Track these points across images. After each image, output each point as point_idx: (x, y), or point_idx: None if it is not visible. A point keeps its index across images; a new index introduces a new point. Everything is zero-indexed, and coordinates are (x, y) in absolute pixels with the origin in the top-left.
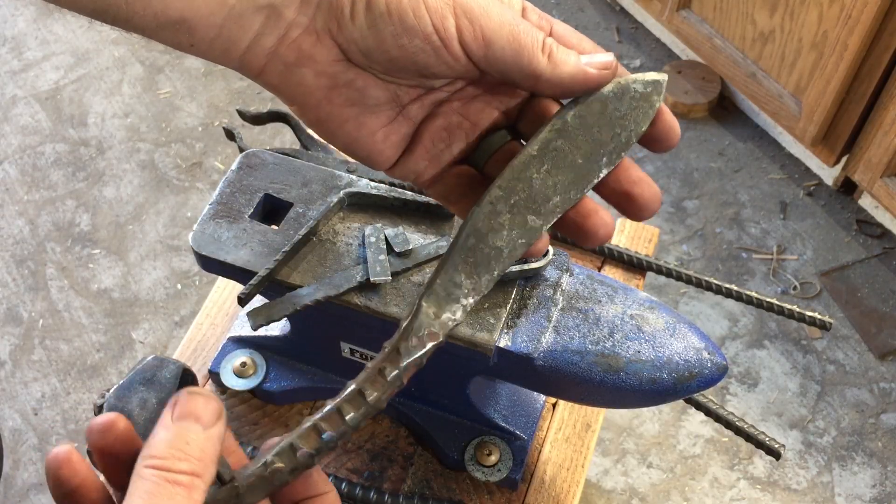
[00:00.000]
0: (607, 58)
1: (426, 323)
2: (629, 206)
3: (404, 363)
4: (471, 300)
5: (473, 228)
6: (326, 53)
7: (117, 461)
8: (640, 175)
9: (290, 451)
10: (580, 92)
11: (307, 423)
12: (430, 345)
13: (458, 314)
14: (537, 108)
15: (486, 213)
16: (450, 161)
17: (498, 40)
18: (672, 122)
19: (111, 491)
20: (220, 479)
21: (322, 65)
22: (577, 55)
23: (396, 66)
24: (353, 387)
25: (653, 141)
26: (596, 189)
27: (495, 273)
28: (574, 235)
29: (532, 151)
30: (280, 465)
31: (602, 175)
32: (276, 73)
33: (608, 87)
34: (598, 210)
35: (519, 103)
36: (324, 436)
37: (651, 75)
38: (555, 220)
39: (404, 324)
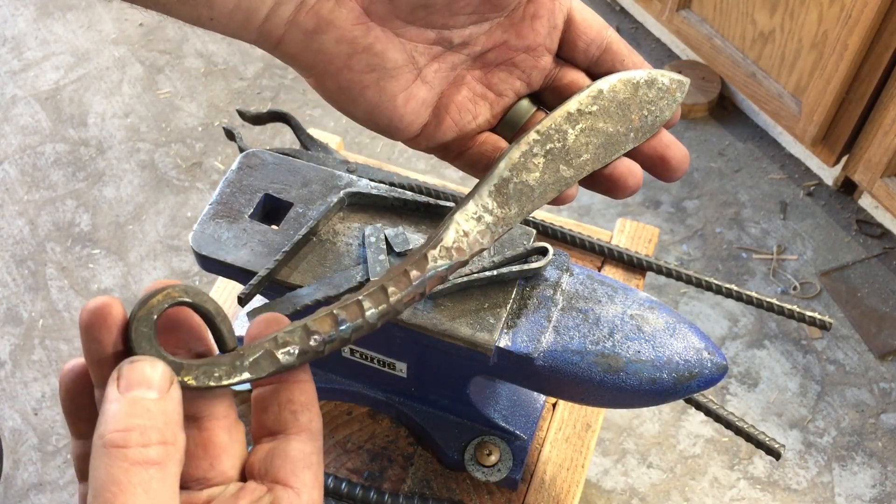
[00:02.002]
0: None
1: (455, 238)
2: (662, 168)
3: (430, 271)
4: (499, 230)
5: (511, 161)
6: (346, 16)
7: (105, 355)
8: (670, 139)
9: (304, 333)
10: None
11: (324, 311)
12: (456, 259)
13: (486, 239)
14: (567, 80)
15: (524, 150)
16: (476, 130)
17: None
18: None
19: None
20: (221, 347)
21: (342, 30)
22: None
23: (419, 4)
24: (377, 283)
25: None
26: (629, 154)
27: (524, 209)
28: (603, 186)
29: (570, 109)
30: (290, 344)
31: (629, 148)
32: (295, 42)
33: (639, 74)
34: (623, 159)
35: (542, 70)
36: (340, 324)
37: (675, 74)
38: (584, 175)
39: (435, 234)
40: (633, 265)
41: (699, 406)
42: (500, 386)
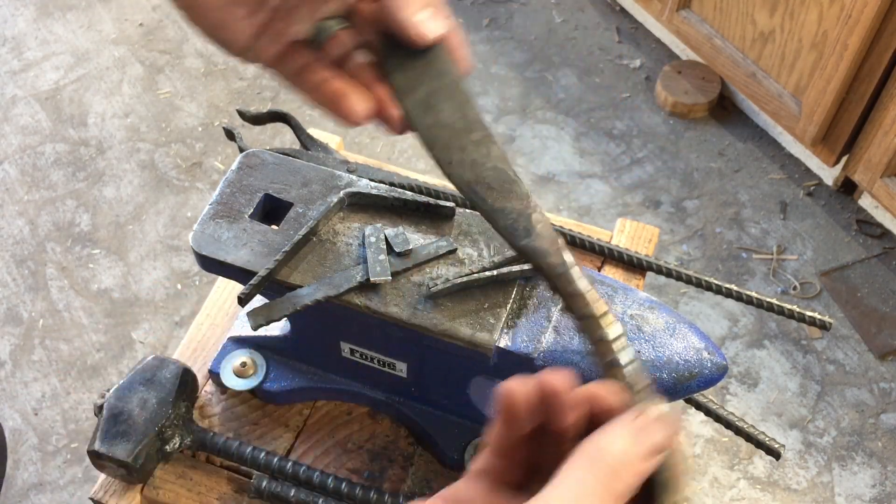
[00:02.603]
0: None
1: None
2: None
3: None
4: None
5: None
6: None
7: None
8: None
9: None
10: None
11: None
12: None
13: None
14: (366, 9)
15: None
16: (290, 41)
17: None
18: None
19: None
20: None
21: None
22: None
23: None
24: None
25: None
26: None
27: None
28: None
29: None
30: None
31: None
32: None
33: None
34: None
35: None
36: None
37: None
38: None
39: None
40: (633, 265)
41: (699, 406)
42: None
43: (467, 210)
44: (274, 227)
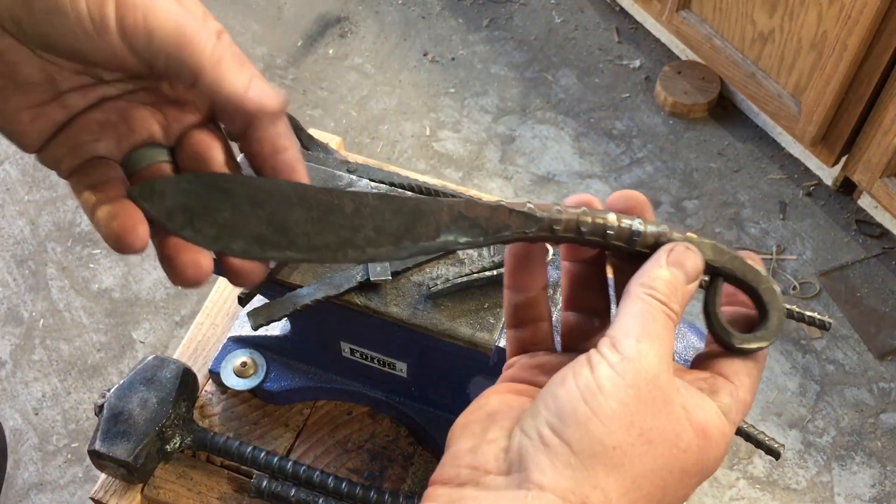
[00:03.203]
0: (274, 95)
1: None
2: None
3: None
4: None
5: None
6: None
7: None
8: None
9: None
10: (241, 112)
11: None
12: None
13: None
14: (195, 140)
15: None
16: (92, 156)
17: (162, 29)
18: None
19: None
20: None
21: None
22: (254, 75)
23: (51, 46)
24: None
25: None
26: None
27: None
28: None
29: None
30: None
31: None
32: None
33: None
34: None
35: (183, 125)
36: None
37: None
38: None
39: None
40: None
41: None
42: None
43: None
44: None
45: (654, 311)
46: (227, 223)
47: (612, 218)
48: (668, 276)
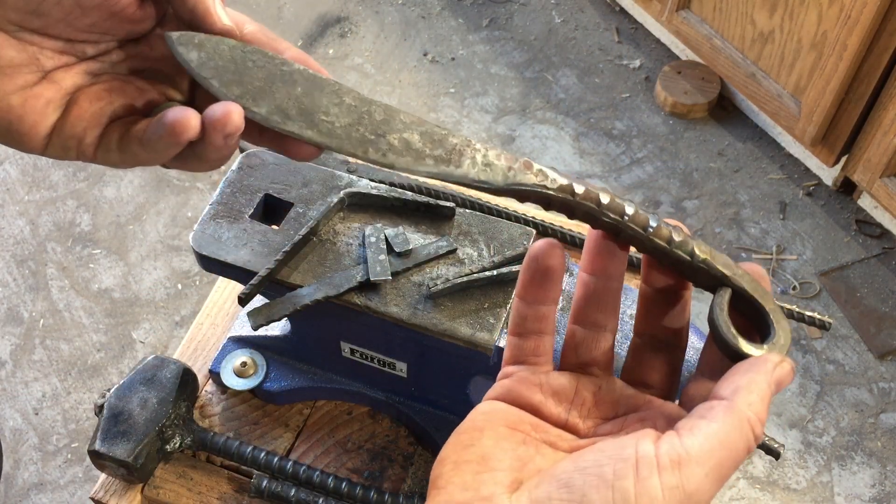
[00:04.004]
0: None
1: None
2: None
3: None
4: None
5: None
6: None
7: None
8: None
9: None
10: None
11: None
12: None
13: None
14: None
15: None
16: (111, 116)
17: None
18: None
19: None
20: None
21: None
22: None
23: (34, 10)
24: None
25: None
26: None
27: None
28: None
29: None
30: None
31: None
32: None
33: None
34: None
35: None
36: None
37: None
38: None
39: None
40: (633, 265)
41: None
42: None
43: (467, 210)
44: (274, 227)
45: (737, 440)
46: (255, 89)
47: (631, 205)
48: (763, 399)
